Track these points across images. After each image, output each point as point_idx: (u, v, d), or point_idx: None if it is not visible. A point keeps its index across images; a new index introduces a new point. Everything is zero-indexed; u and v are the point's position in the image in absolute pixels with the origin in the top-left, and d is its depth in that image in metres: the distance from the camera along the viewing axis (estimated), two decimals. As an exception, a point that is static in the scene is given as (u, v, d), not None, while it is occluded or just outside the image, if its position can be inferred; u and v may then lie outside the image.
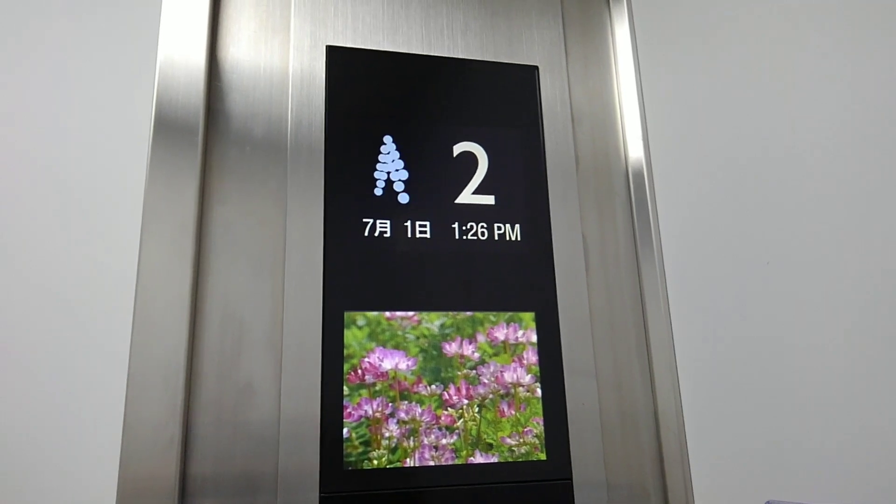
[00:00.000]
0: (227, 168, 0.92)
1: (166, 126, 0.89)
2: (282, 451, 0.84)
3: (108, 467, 0.78)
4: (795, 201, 0.77)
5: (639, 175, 1.06)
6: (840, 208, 0.71)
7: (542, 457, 0.92)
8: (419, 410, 0.89)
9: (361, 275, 0.92)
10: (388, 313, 0.91)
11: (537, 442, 0.92)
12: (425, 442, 0.88)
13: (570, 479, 0.92)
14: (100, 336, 0.84)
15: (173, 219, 0.86)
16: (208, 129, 0.92)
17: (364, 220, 0.94)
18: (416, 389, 0.90)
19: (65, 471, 0.81)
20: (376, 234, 0.94)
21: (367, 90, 1.00)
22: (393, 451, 0.87)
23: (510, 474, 0.90)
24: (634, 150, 1.07)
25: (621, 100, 1.11)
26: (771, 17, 0.81)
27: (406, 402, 0.89)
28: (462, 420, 0.90)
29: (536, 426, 0.92)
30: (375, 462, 0.86)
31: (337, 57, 0.99)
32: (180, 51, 0.92)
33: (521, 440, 0.91)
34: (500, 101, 1.05)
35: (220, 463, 0.83)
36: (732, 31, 0.88)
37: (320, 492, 0.83)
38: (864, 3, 0.68)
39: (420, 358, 0.91)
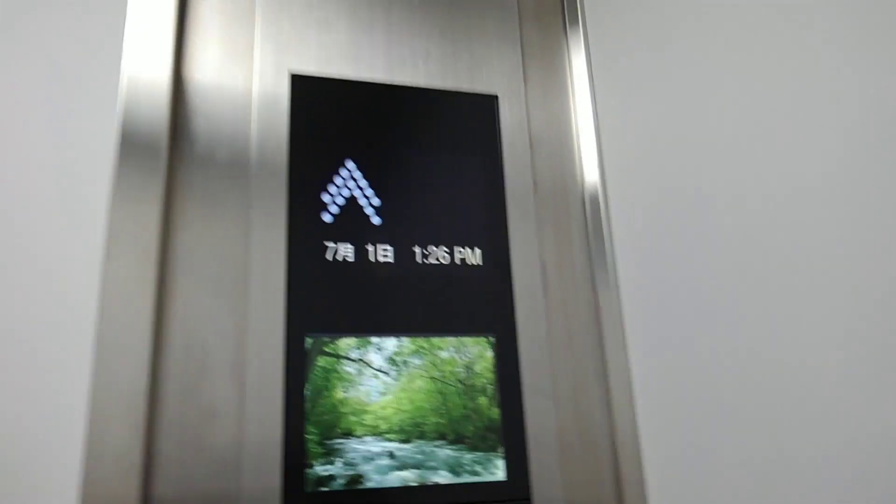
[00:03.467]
0: (191, 191, 0.93)
1: (130, 147, 0.89)
2: (244, 474, 0.84)
3: (70, 490, 0.78)
4: (752, 224, 0.81)
5: (594, 199, 1.09)
6: (799, 225, 0.74)
7: (501, 474, 0.93)
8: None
9: (324, 298, 0.93)
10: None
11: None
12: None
13: (530, 499, 0.94)
14: (60, 359, 0.83)
15: (136, 241, 0.87)
16: (172, 152, 0.93)
17: (326, 243, 0.96)
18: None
19: (24, 493, 0.80)
20: (339, 257, 0.96)
21: (331, 116, 1.01)
22: (354, 473, 0.88)
23: (471, 494, 0.92)
24: (590, 175, 1.10)
25: (578, 126, 1.14)
26: (729, 45, 0.85)
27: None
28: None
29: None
30: (337, 485, 0.87)
31: (300, 84, 1.01)
32: (145, 72, 0.93)
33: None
34: (461, 128, 1.07)
35: (182, 486, 0.83)
36: (689, 59, 0.92)
37: (282, 516, 0.84)
38: (824, 24, 0.72)
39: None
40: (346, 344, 0.93)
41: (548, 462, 0.96)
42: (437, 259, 1.01)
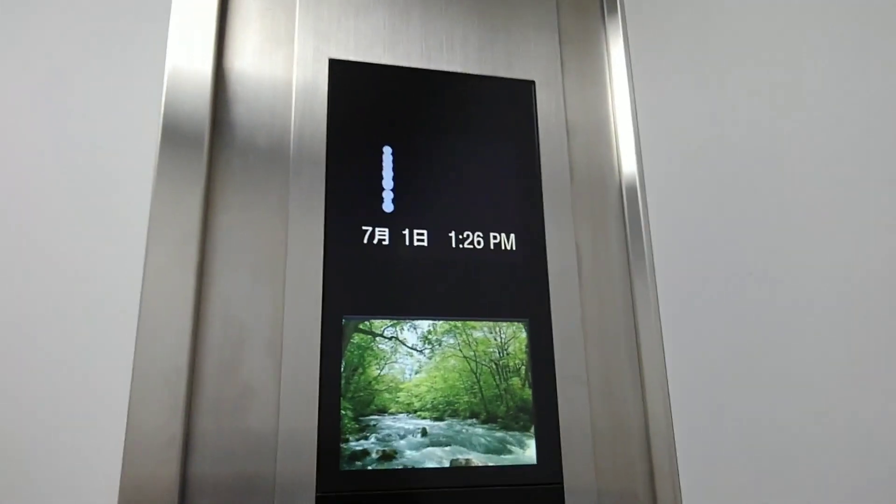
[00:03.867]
0: (231, 177, 0.95)
1: (173, 135, 0.92)
2: (280, 453, 0.86)
3: (111, 466, 0.80)
4: (790, 213, 0.79)
5: (632, 187, 1.09)
6: (838, 219, 0.73)
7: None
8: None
9: (360, 281, 0.95)
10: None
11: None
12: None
13: (562, 483, 0.94)
14: (104, 339, 0.86)
15: (178, 225, 0.89)
16: (213, 139, 0.95)
17: (363, 227, 0.97)
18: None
19: (67, 470, 0.82)
20: (375, 241, 0.97)
21: (369, 102, 1.02)
22: (388, 449, 0.90)
23: (502, 477, 0.92)
24: (628, 163, 1.10)
25: (615, 114, 1.13)
26: (770, 31, 0.83)
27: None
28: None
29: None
30: (371, 465, 0.88)
31: (339, 70, 1.02)
32: (187, 62, 0.95)
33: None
34: (497, 114, 1.07)
35: (220, 463, 0.85)
36: (728, 46, 0.90)
37: (317, 492, 0.85)
38: (870, 6, 0.70)
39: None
40: (381, 322, 0.94)
41: (580, 447, 0.96)
42: (472, 244, 1.01)
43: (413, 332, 0.95)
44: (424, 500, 0.89)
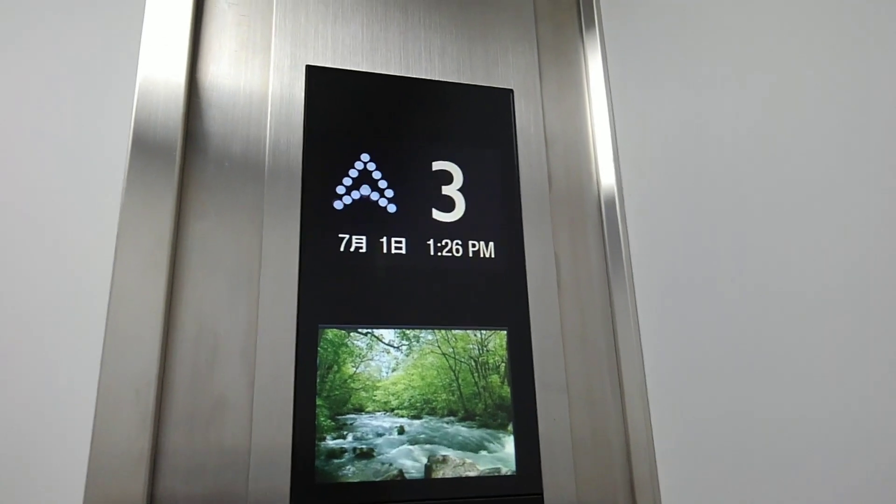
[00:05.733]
0: (205, 183, 0.93)
1: (144, 141, 0.90)
2: (252, 467, 0.83)
3: (75, 482, 0.77)
4: (770, 219, 0.80)
5: (610, 196, 1.09)
6: (818, 222, 0.73)
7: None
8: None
9: (336, 289, 0.93)
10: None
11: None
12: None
13: (541, 494, 0.92)
14: (70, 348, 0.83)
15: (149, 231, 0.87)
16: (186, 145, 0.93)
17: (340, 235, 0.95)
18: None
19: (29, 485, 0.79)
20: (352, 249, 0.95)
21: (346, 109, 1.02)
22: (365, 447, 0.88)
23: (481, 488, 0.91)
24: (606, 172, 1.10)
25: (594, 123, 1.14)
26: (745, 42, 0.84)
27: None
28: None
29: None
30: (347, 477, 0.86)
31: (316, 76, 1.01)
32: (161, 67, 0.94)
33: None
34: (476, 122, 1.07)
35: (191, 479, 0.82)
36: (705, 57, 0.92)
37: (293, 501, 0.83)
38: (847, 7, 0.71)
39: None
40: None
41: (560, 457, 0.95)
42: (451, 252, 1.00)
43: (390, 329, 0.94)
44: (402, 512, 0.87)
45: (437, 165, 1.03)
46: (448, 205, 1.02)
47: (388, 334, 0.93)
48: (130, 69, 0.93)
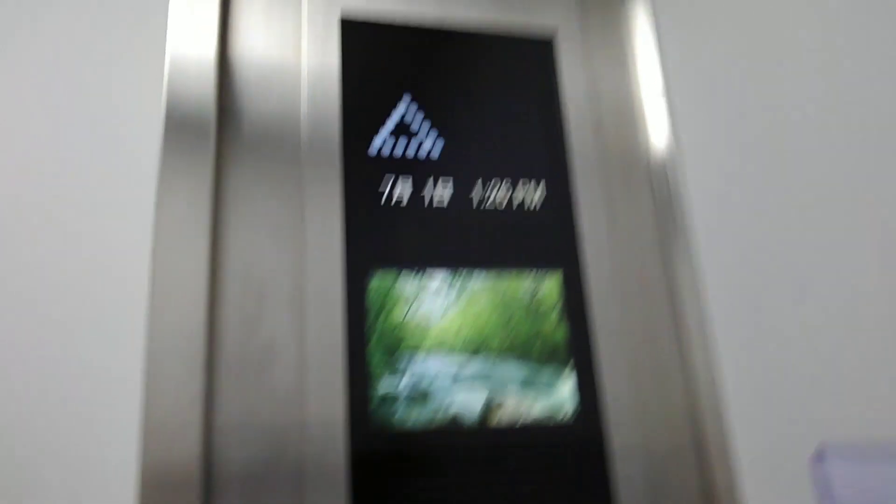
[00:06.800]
0: (243, 140, 0.91)
1: (180, 107, 0.88)
2: (307, 414, 0.81)
3: (131, 424, 0.77)
4: (838, 180, 0.76)
5: (660, 141, 1.05)
6: (883, 190, 0.69)
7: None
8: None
9: (383, 232, 0.91)
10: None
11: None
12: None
13: (601, 440, 0.89)
14: (118, 298, 0.83)
15: (188, 185, 0.85)
16: (222, 101, 0.91)
17: (385, 177, 0.93)
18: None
19: (87, 429, 0.79)
20: (396, 192, 0.93)
21: (383, 57, 0.99)
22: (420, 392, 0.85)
23: (537, 436, 0.88)
24: (654, 117, 1.06)
25: (638, 68, 1.10)
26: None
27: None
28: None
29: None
30: (403, 422, 0.84)
31: (351, 29, 0.99)
32: (192, 13, 0.92)
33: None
34: (519, 70, 1.04)
35: (245, 416, 0.81)
36: (760, 4, 0.87)
37: (350, 446, 0.81)
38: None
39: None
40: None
41: (621, 399, 0.91)
42: (500, 193, 0.97)
43: (441, 271, 0.91)
44: (457, 457, 0.85)
45: (480, 111, 1.00)
46: (495, 148, 0.99)
47: (438, 276, 0.91)
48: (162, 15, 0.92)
